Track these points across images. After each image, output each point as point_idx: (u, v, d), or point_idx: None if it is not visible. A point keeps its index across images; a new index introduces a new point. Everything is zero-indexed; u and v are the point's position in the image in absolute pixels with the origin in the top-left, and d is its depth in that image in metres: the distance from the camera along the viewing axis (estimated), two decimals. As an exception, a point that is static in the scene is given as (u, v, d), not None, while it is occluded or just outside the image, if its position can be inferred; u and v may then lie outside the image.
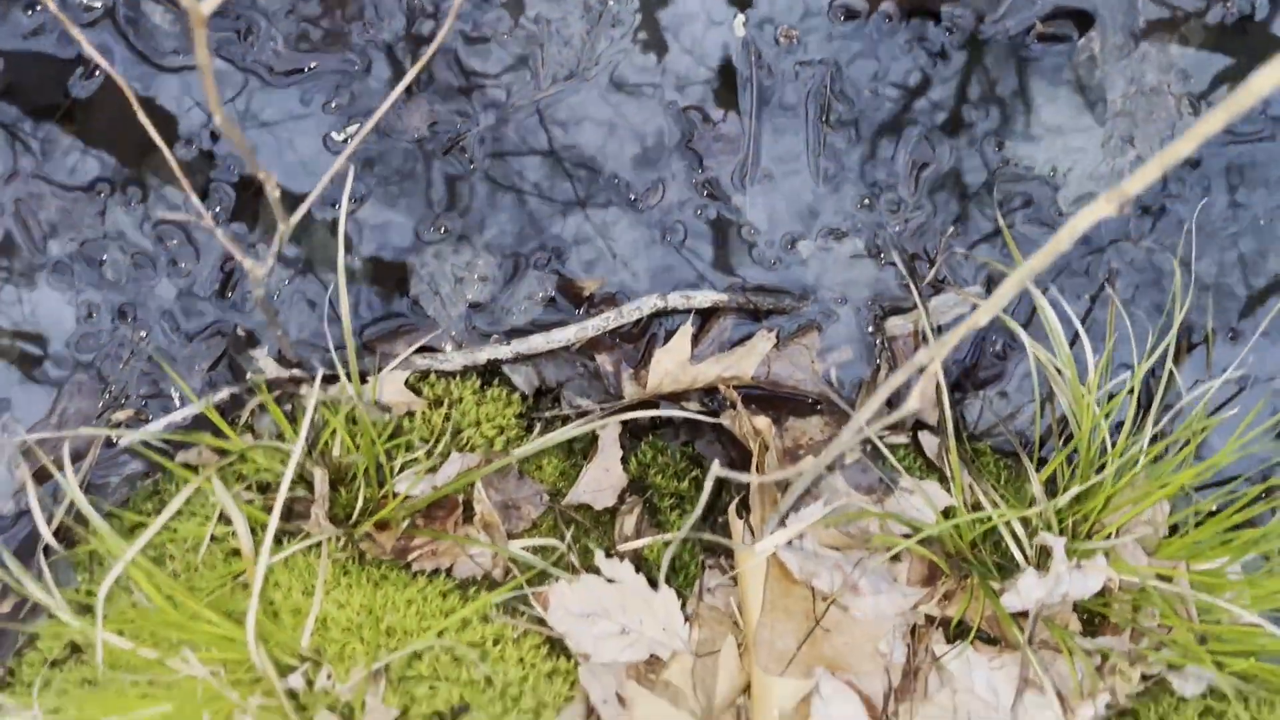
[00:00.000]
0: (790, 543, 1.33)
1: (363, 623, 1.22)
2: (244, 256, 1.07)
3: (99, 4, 1.51)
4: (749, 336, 1.55)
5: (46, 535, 1.19)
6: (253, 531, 1.26)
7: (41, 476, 1.39)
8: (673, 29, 1.60)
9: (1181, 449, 1.40)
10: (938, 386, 1.50)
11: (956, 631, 1.36)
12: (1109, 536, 1.31)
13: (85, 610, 1.34)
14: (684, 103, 1.58)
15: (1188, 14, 1.67)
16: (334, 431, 1.31)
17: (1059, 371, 1.49)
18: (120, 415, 1.45)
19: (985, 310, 0.80)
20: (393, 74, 1.56)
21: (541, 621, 1.26)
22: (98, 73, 1.51)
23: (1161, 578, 1.29)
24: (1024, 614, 1.30)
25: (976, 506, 1.43)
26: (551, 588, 1.26)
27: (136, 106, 1.08)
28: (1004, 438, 1.58)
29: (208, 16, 0.64)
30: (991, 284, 1.60)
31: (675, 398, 1.54)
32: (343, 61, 1.55)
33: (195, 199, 1.09)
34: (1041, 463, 1.54)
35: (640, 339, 1.55)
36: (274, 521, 0.99)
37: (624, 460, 1.46)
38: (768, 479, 0.97)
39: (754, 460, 1.40)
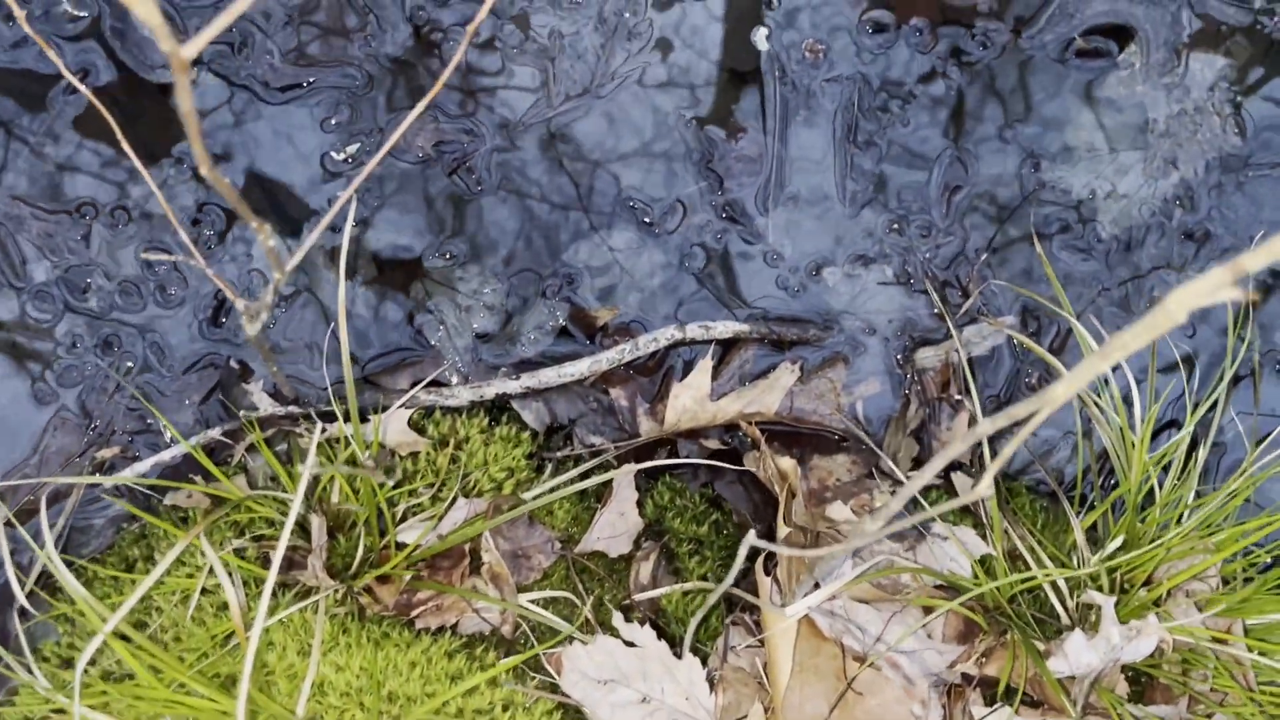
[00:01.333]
0: (819, 597, 1.24)
1: (363, 687, 1.13)
2: (238, 297, 0.98)
3: (84, 14, 1.42)
4: (771, 369, 1.46)
5: (21, 599, 1.11)
6: (245, 584, 1.18)
7: (22, 516, 1.31)
8: (691, 43, 1.51)
9: (1231, 499, 1.32)
10: (972, 421, 1.42)
11: (994, 691, 1.27)
12: (1160, 598, 1.23)
13: (67, 664, 1.25)
14: (703, 121, 1.49)
15: (1233, 29, 1.59)
16: (333, 476, 1.22)
17: (1097, 406, 1.41)
18: (105, 453, 1.36)
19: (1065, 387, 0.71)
20: (395, 90, 1.46)
21: (554, 687, 1.18)
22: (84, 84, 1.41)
23: (1217, 640, 1.21)
24: (1069, 676, 1.22)
25: (1014, 554, 1.35)
26: (565, 650, 1.17)
27: (120, 136, 1.00)
28: (1039, 475, 1.50)
29: (190, 61, 0.56)
30: (1026, 314, 1.51)
31: (693, 435, 1.46)
32: (342, 76, 1.46)
33: (184, 235, 1.00)
34: (1081, 499, 1.46)
35: (656, 372, 1.47)
36: (268, 591, 0.90)
37: (639, 503, 1.38)
38: (802, 554, 0.89)
39: (780, 507, 1.32)
